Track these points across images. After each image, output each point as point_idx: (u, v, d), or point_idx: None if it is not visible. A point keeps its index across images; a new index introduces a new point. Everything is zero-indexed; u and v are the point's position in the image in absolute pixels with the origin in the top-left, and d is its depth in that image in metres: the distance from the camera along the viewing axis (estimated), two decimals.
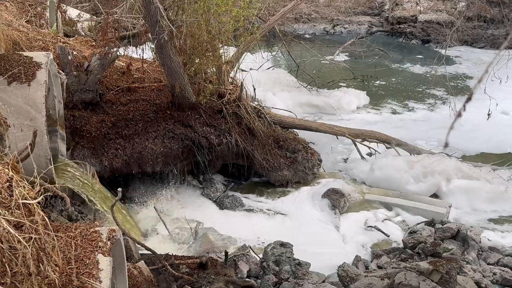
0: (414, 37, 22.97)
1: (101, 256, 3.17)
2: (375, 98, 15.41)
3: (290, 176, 9.70)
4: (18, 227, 2.70)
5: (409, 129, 12.98)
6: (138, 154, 8.62)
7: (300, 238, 7.89)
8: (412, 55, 20.75)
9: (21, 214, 2.75)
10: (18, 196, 2.83)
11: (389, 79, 17.42)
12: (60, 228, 3.30)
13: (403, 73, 18.39)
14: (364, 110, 14.62)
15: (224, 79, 9.65)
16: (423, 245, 7.25)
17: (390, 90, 16.56)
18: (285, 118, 11.08)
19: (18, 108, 5.37)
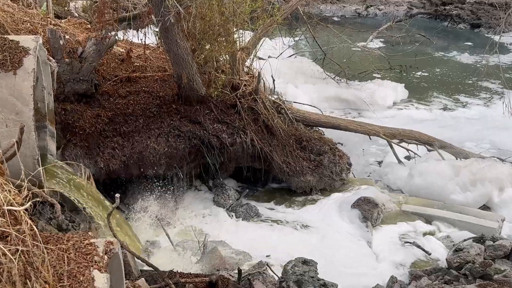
0: (462, 20, 22.79)
1: (97, 272, 3.18)
2: (415, 92, 15.31)
3: (315, 182, 9.66)
4: (3, 238, 2.73)
5: (456, 129, 12.87)
6: (139, 155, 8.65)
7: (326, 255, 7.84)
8: (459, 42, 20.60)
9: (6, 222, 2.77)
10: (3, 202, 2.85)
11: (432, 70, 17.30)
12: (51, 240, 3.32)
13: (449, 63, 18.25)
14: (402, 106, 14.54)
15: (239, 69, 9.65)
16: (471, 265, 7.16)
17: (434, 82, 16.44)
18: (309, 114, 11.04)
19: (2, 100, 5.41)
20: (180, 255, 7.79)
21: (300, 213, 9.23)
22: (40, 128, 6.93)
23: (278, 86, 12.02)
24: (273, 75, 11.27)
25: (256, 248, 8.06)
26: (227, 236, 8.31)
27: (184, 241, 8.11)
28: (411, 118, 13.58)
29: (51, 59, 7.24)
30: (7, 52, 5.72)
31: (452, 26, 22.72)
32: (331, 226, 8.82)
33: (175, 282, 5.93)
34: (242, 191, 9.76)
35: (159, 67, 9.67)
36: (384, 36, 17.75)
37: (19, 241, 2.75)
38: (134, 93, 9.00)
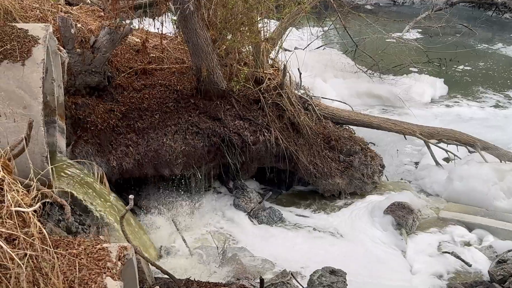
0: (508, 9, 22.49)
1: (110, 279, 3.20)
2: (455, 88, 15.16)
3: (344, 185, 9.63)
4: (11, 241, 2.75)
5: (501, 129, 12.70)
6: (154, 153, 8.70)
7: (356, 265, 7.82)
8: (505, 33, 20.33)
9: (14, 224, 2.80)
10: (11, 203, 2.88)
11: (474, 64, 17.11)
12: (61, 244, 3.35)
13: (493, 56, 18.02)
14: (441, 103, 14.40)
15: (263, 61, 9.63)
16: None
17: (477, 77, 16.26)
18: (339, 111, 10.99)
19: (9, 93, 5.47)
20: (198, 262, 7.81)
21: (327, 218, 9.20)
22: (49, 123, 6.99)
23: (305, 80, 11.98)
24: (300, 68, 11.23)
25: (280, 256, 8.06)
26: (249, 242, 8.31)
27: (202, 247, 8.12)
28: (450, 116, 13.47)
29: (62, 49, 7.31)
30: (15, 42, 5.79)
31: (497, 15, 22.45)
32: (361, 233, 8.79)
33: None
34: (265, 194, 9.75)
35: (177, 59, 9.69)
36: (422, 26, 17.58)
37: (27, 244, 2.78)
38: (150, 87, 9.03)
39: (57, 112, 7.07)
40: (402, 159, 11.29)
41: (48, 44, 6.08)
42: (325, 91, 13.07)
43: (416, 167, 11.05)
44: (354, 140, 10.08)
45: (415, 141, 11.24)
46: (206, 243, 8.27)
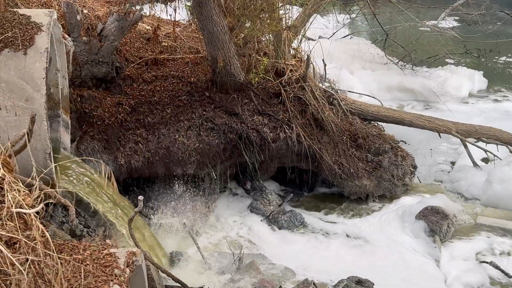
0: None
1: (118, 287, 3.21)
2: (496, 81, 15.03)
3: (372, 188, 9.59)
4: (11, 245, 2.77)
5: None
6: (165, 151, 8.72)
7: (384, 274, 7.77)
8: None
9: (14, 227, 2.82)
10: (12, 203, 2.90)
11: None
12: (65, 248, 3.37)
13: None
14: (480, 98, 14.28)
15: (284, 51, 9.62)
16: None
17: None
18: (367, 106, 10.94)
19: (10, 84, 5.51)
20: (212, 269, 7.82)
21: (353, 223, 9.17)
22: (53, 117, 7.04)
23: (330, 72, 11.94)
24: (325, 59, 11.20)
25: (301, 264, 8.04)
26: (267, 249, 8.30)
27: (217, 253, 8.13)
28: (490, 112, 13.34)
29: (67, 37, 7.34)
30: (17, 29, 5.82)
31: None
32: (391, 240, 8.73)
33: None
34: (286, 196, 9.74)
35: (191, 48, 9.71)
36: (459, 14, 17.45)
37: (29, 249, 2.80)
38: (161, 78, 9.06)
39: (61, 106, 7.11)
40: (436, 159, 11.20)
41: (52, 31, 6.11)
42: (352, 84, 13.03)
43: (451, 168, 10.94)
44: (384, 138, 10.03)
45: (450, 139, 11.16)
46: (221, 249, 8.28)
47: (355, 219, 9.29)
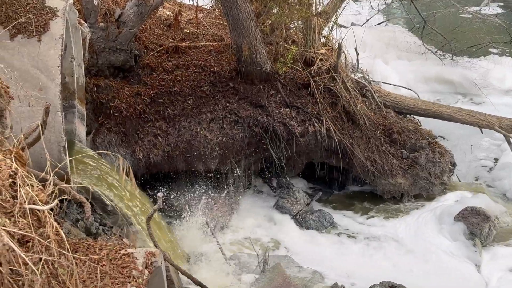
0: None
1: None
2: None
3: (407, 186, 9.53)
4: (24, 243, 2.79)
5: None
6: (186, 145, 8.74)
7: (420, 279, 7.75)
8: None
9: (27, 224, 2.84)
10: (25, 199, 2.92)
11: None
12: (80, 247, 3.39)
13: None
14: None
15: (314, 39, 9.58)
16: None
17: None
18: (403, 99, 10.88)
19: (23, 73, 5.55)
20: (235, 271, 7.83)
21: (387, 224, 9.14)
22: (68, 108, 7.08)
23: (363, 62, 11.89)
24: (357, 47, 11.15)
25: (330, 267, 8.03)
26: (294, 250, 8.31)
27: (240, 254, 8.15)
28: None
29: (83, 23, 7.38)
30: (31, 14, 5.85)
31: None
32: (427, 242, 8.68)
33: None
34: (314, 194, 9.73)
35: (214, 35, 9.72)
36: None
37: (42, 248, 2.81)
38: (183, 67, 9.08)
39: (76, 96, 7.15)
40: (477, 156, 11.11)
41: (67, 17, 6.14)
42: (386, 75, 12.96)
43: (493, 165, 10.85)
44: (420, 133, 9.95)
45: (493, 135, 11.05)
46: (244, 250, 8.29)
47: (389, 220, 9.25)
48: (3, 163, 3.07)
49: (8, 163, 3.09)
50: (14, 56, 5.58)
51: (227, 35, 9.41)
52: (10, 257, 2.58)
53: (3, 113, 4.16)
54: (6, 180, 2.95)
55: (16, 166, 3.07)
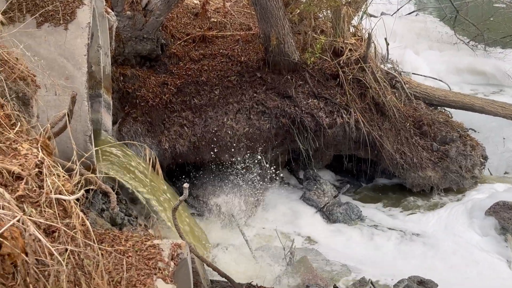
0: None
1: (161, 282, 3.23)
2: None
3: (437, 179, 9.46)
4: (50, 233, 2.81)
5: None
6: (212, 135, 8.75)
7: (449, 275, 7.69)
8: None
9: (53, 214, 2.85)
10: (51, 189, 2.93)
11: None
12: (106, 238, 3.41)
13: None
14: None
15: (343, 29, 9.52)
16: None
17: None
18: (433, 90, 10.79)
19: (50, 62, 5.58)
20: (260, 264, 7.84)
21: (416, 218, 9.08)
22: (94, 97, 7.12)
23: (393, 52, 11.80)
24: (388, 37, 11.05)
25: (358, 260, 8.00)
26: (321, 243, 8.30)
27: (266, 247, 8.15)
28: None
29: (110, 11, 7.40)
30: (58, 2, 5.87)
31: None
32: (457, 237, 8.62)
33: None
34: (341, 187, 9.69)
35: (242, 25, 9.70)
36: None
37: (68, 238, 2.83)
38: (210, 57, 9.08)
39: (102, 85, 7.18)
40: (509, 149, 10.96)
41: (94, 5, 6.16)
42: (417, 66, 12.86)
43: None
44: (451, 125, 9.86)
45: None
46: (270, 242, 8.29)
47: (418, 213, 9.19)
48: (30, 152, 3.09)
49: (34, 152, 3.11)
50: (41, 44, 5.62)
51: (255, 25, 9.39)
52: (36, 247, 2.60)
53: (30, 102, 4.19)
54: (32, 169, 2.96)
55: (42, 156, 3.08)
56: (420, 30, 15.00)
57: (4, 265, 2.54)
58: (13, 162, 2.96)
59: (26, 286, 2.59)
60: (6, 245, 2.50)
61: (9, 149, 3.10)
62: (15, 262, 2.56)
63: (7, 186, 2.84)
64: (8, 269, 2.56)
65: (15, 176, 2.90)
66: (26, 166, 2.98)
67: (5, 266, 2.54)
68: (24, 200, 2.82)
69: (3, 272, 2.54)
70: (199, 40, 9.22)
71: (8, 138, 3.17)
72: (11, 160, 2.98)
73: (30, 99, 4.17)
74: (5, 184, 2.84)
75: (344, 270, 7.78)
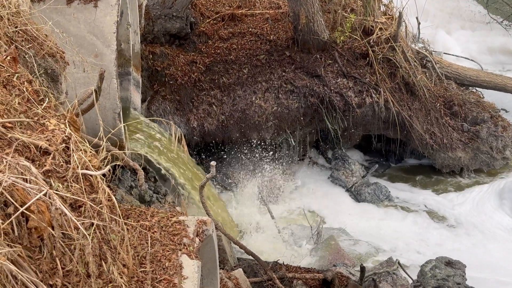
0: None
1: (186, 257, 3.25)
2: None
3: (467, 160, 9.38)
4: (76, 208, 2.83)
5: None
6: (241, 114, 8.76)
7: (478, 257, 7.65)
8: None
9: (80, 189, 2.87)
10: (77, 164, 2.95)
11: None
12: (132, 214, 3.43)
13: None
14: None
15: (374, 7, 9.43)
16: None
17: None
18: (465, 70, 10.65)
19: (79, 39, 5.62)
20: (287, 243, 7.86)
21: (445, 199, 9.02)
22: (123, 75, 7.15)
23: (424, 31, 11.66)
24: (419, 16, 10.92)
25: (385, 241, 7.99)
26: (348, 223, 8.28)
27: (293, 226, 8.17)
28: None
29: None
30: None
31: None
32: (487, 218, 8.56)
33: (280, 276, 6.00)
34: (370, 167, 9.65)
35: (271, 3, 9.65)
36: None
37: (94, 213, 2.85)
38: (238, 35, 9.06)
39: (132, 63, 7.21)
40: None
41: None
42: (448, 46, 12.70)
43: None
44: (483, 105, 9.76)
45: None
46: (297, 222, 8.30)
47: (447, 194, 9.14)
48: (57, 128, 3.11)
49: (61, 128, 3.13)
50: (70, 22, 5.65)
51: (284, 3, 9.34)
52: (63, 221, 2.63)
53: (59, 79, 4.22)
54: (59, 144, 2.99)
55: (69, 131, 3.11)
56: (452, 9, 14.79)
57: (31, 239, 2.58)
58: (41, 137, 2.99)
59: (52, 259, 2.62)
60: (33, 218, 2.53)
61: (36, 124, 3.12)
62: (42, 235, 2.59)
63: (34, 160, 2.86)
64: (35, 242, 2.59)
65: (42, 151, 2.92)
66: (53, 141, 3.00)
67: (32, 239, 2.58)
68: (51, 175, 2.85)
69: (30, 245, 2.57)
70: (228, 19, 9.20)
71: (36, 114, 3.20)
72: (38, 135, 3.01)
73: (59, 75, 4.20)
74: (33, 158, 2.86)
75: (371, 250, 7.78)
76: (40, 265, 2.58)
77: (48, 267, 2.61)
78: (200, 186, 5.43)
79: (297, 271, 6.48)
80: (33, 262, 2.55)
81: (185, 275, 3.18)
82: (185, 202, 6.72)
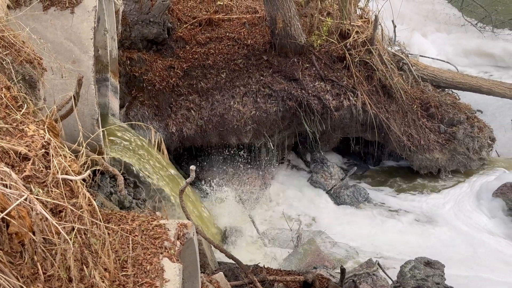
0: None
1: (167, 261, 3.26)
2: None
3: (444, 161, 9.46)
4: (57, 213, 2.84)
5: None
6: (219, 118, 8.77)
7: (456, 256, 7.72)
8: None
9: (60, 194, 2.88)
10: (57, 169, 2.96)
11: None
12: (112, 218, 3.43)
13: None
14: None
15: (350, 11, 9.49)
16: None
17: None
18: (441, 72, 10.76)
19: (56, 45, 5.61)
20: (268, 246, 7.88)
21: (423, 200, 9.10)
22: (101, 81, 7.14)
23: (400, 34, 11.76)
24: (394, 20, 11.01)
25: (365, 243, 8.04)
26: (328, 226, 8.33)
27: (273, 229, 8.19)
28: None
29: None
30: None
31: None
32: (464, 219, 8.65)
33: (261, 279, 6.01)
34: (349, 169, 9.71)
35: (248, 7, 9.69)
36: None
37: (75, 217, 2.86)
38: (216, 40, 9.08)
39: (109, 69, 7.21)
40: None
41: None
42: (424, 48, 12.83)
43: None
44: (459, 107, 9.85)
45: None
46: (278, 225, 8.32)
47: (425, 195, 9.21)
48: (36, 134, 3.12)
49: (41, 133, 3.14)
50: (47, 28, 5.64)
51: (261, 7, 9.38)
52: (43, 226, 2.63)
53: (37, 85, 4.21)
54: (39, 150, 2.99)
55: (49, 137, 3.11)
56: (427, 12, 14.93)
57: (12, 244, 2.58)
58: (20, 142, 2.99)
59: (33, 264, 2.63)
60: (14, 224, 2.53)
61: (16, 130, 3.12)
62: (23, 241, 2.59)
63: (14, 166, 2.87)
64: (15, 247, 2.59)
65: (22, 157, 2.93)
66: (32, 147, 3.01)
67: (12, 245, 2.58)
68: (31, 180, 2.85)
69: (11, 251, 2.57)
70: (205, 24, 9.22)
71: (15, 120, 3.20)
72: (18, 141, 3.01)
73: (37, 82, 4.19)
74: (12, 164, 2.86)
75: (351, 252, 7.81)
76: (22, 270, 2.57)
77: (30, 272, 2.61)
78: (180, 191, 5.43)
79: (278, 274, 6.50)
80: (14, 268, 2.55)
81: (166, 278, 3.19)
82: (165, 207, 6.72)
